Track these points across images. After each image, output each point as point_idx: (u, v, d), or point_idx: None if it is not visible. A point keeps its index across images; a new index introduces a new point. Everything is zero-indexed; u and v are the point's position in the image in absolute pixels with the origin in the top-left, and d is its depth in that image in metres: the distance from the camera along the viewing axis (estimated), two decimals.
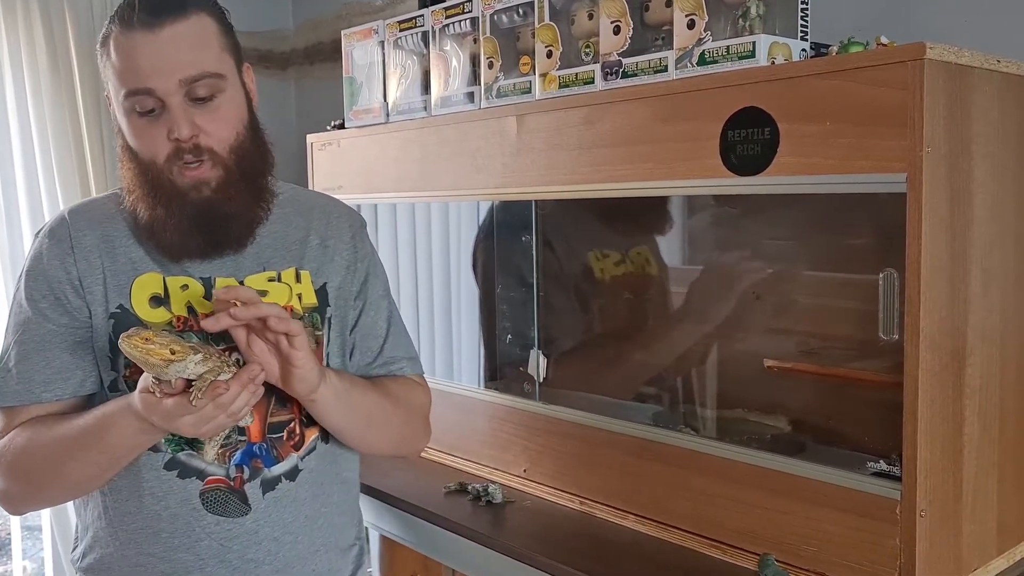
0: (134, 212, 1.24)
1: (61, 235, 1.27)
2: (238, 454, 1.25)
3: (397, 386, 1.39)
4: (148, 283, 1.25)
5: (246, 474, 1.25)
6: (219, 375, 1.11)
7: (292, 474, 1.28)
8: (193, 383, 1.10)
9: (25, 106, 2.67)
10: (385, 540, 1.91)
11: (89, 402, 1.26)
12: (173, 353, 1.07)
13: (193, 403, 1.09)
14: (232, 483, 1.24)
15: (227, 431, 1.22)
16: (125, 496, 1.25)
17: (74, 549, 1.35)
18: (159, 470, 1.23)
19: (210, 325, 1.10)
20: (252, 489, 1.25)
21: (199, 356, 1.10)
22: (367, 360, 1.39)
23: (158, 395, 1.10)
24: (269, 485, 1.26)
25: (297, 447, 1.29)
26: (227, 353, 1.17)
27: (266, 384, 1.19)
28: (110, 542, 1.28)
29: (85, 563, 1.31)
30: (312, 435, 1.31)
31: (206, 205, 1.21)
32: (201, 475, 1.24)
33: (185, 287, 1.25)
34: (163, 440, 1.22)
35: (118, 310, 1.24)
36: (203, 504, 1.23)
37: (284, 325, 1.12)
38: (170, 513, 1.24)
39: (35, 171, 2.69)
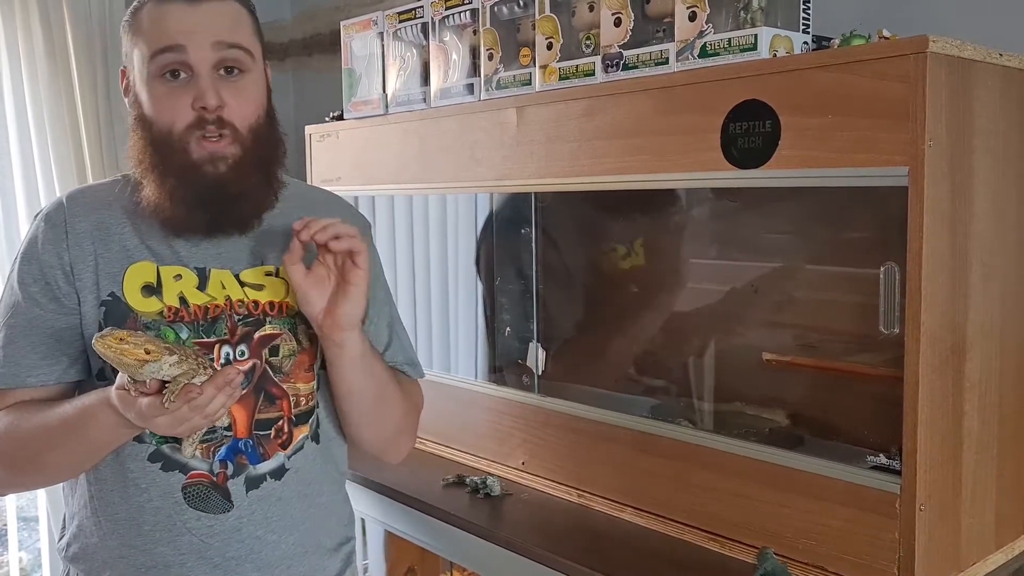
0: (135, 193, 1.24)
1: (56, 220, 1.26)
2: (223, 449, 1.23)
3: (400, 380, 1.40)
4: (141, 272, 1.24)
5: (230, 470, 1.23)
6: (193, 378, 1.10)
7: (278, 473, 1.26)
8: (167, 384, 1.09)
9: (22, 93, 2.64)
10: (382, 532, 1.91)
11: (76, 389, 1.25)
12: (148, 353, 1.06)
13: (165, 405, 1.07)
14: (215, 479, 1.23)
15: (204, 429, 1.20)
16: (110, 486, 1.24)
17: (61, 538, 1.34)
18: (143, 461, 1.22)
19: (298, 226, 1.19)
20: (235, 486, 1.23)
21: (174, 358, 1.08)
22: None
23: (133, 393, 1.09)
24: (253, 483, 1.24)
25: (284, 446, 1.27)
26: (204, 354, 1.17)
27: (254, 380, 1.19)
28: (94, 531, 1.27)
29: (70, 552, 1.30)
30: (301, 434, 1.29)
31: (218, 181, 1.20)
32: (184, 469, 1.22)
33: (178, 277, 1.24)
34: (147, 432, 1.20)
35: (109, 298, 1.23)
36: (184, 498, 1.22)
37: (349, 243, 1.19)
38: (152, 506, 1.22)
39: (31, 159, 2.67)
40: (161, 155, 1.20)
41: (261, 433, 1.26)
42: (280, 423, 1.27)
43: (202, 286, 1.25)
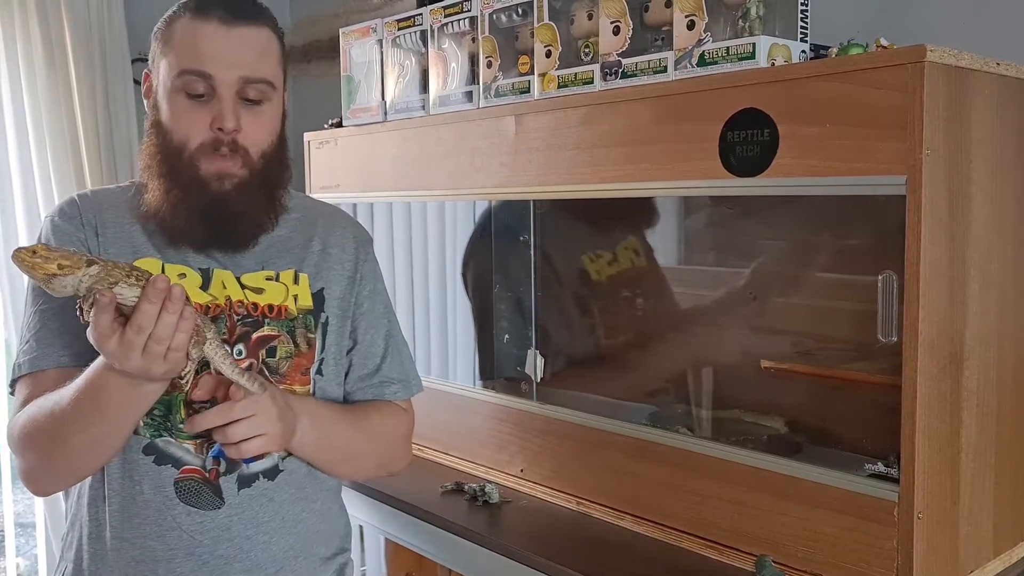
0: (141, 193, 1.25)
1: (71, 213, 1.29)
2: (216, 446, 1.22)
3: (381, 417, 1.38)
4: (146, 266, 1.23)
5: (222, 467, 1.23)
6: (113, 286, 0.99)
7: (271, 473, 1.27)
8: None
9: (21, 102, 2.65)
10: (381, 539, 1.91)
11: None
12: (60, 268, 0.97)
13: (86, 319, 1.00)
14: (207, 475, 1.23)
15: (190, 371, 1.12)
16: (105, 478, 1.25)
17: (65, 535, 1.34)
18: (137, 453, 1.22)
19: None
20: (227, 483, 1.24)
21: (94, 268, 0.98)
22: (360, 374, 1.38)
23: (84, 320, 1.05)
24: (246, 481, 1.25)
25: None
26: (144, 272, 1.06)
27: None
28: (87, 524, 1.27)
29: (66, 544, 1.31)
30: None
31: (222, 198, 1.22)
32: (177, 463, 1.23)
33: (183, 276, 1.25)
34: (142, 423, 1.21)
35: None
36: (176, 493, 1.22)
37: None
38: (144, 499, 1.22)
39: (30, 167, 2.68)
40: (170, 165, 1.22)
41: None
42: None
43: (205, 286, 1.26)
